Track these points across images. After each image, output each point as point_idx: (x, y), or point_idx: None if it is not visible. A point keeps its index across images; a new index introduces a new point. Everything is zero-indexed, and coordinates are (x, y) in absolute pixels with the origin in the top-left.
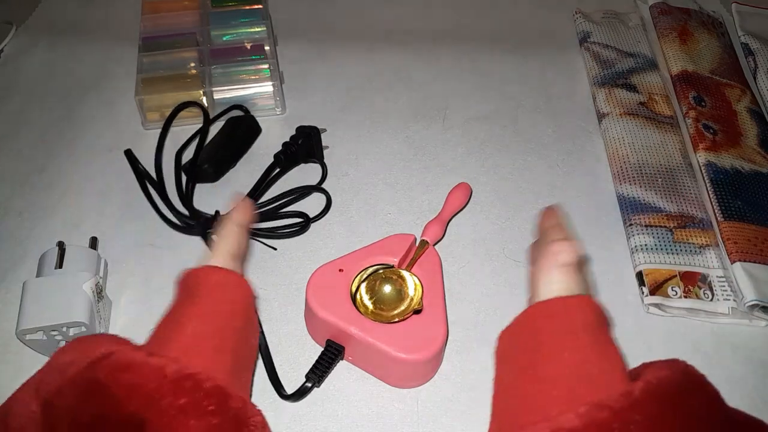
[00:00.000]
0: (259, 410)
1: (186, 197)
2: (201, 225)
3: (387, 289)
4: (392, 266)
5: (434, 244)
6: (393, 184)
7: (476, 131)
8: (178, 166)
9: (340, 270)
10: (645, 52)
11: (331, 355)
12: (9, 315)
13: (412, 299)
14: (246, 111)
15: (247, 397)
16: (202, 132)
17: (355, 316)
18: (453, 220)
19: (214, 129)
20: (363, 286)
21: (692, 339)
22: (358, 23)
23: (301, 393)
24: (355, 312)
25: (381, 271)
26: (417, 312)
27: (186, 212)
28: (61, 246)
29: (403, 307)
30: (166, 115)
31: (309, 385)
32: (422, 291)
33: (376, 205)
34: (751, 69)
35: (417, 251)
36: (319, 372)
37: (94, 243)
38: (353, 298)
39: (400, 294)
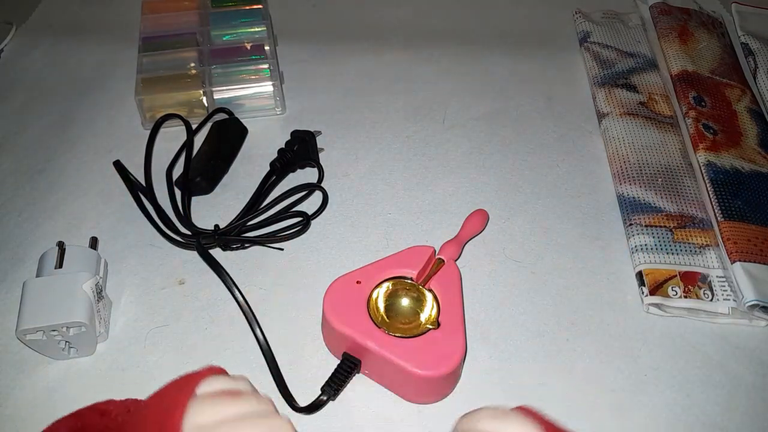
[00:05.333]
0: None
1: (183, 214)
2: (199, 241)
3: (404, 302)
4: (410, 279)
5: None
6: (393, 184)
7: (476, 131)
8: (170, 184)
9: (357, 282)
10: (645, 52)
11: (347, 369)
12: (9, 315)
13: (429, 314)
14: (229, 113)
15: None
16: (188, 144)
17: (372, 330)
18: (454, 220)
19: (201, 136)
20: (381, 298)
21: (692, 339)
22: (358, 23)
23: (315, 406)
24: (372, 325)
25: (399, 284)
26: (435, 327)
27: (184, 229)
28: (61, 246)
29: (420, 322)
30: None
31: (324, 398)
32: (440, 306)
33: (376, 205)
34: (751, 69)
35: (433, 268)
36: (335, 385)
37: (94, 243)
38: (370, 310)
39: (418, 308)
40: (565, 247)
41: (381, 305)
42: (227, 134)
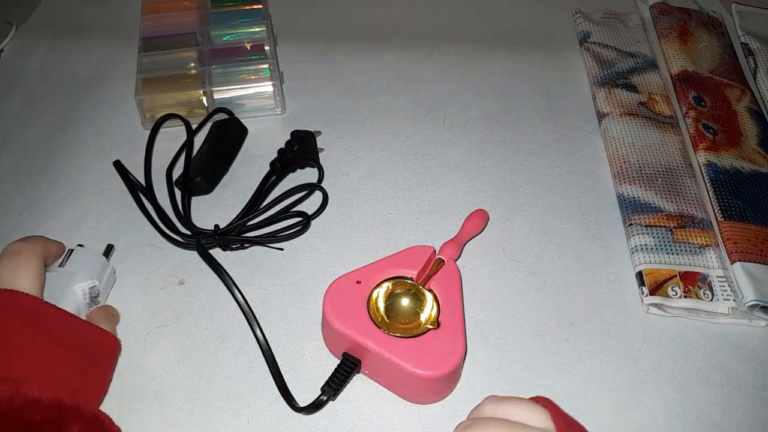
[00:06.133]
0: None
1: (183, 214)
2: (199, 241)
3: (404, 302)
4: (410, 279)
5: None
6: (393, 184)
7: (476, 131)
8: (170, 184)
9: (357, 282)
10: (645, 52)
11: (347, 369)
12: None
13: (429, 314)
14: (229, 113)
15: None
16: (188, 144)
17: (371, 330)
18: (454, 220)
19: (201, 136)
20: (381, 298)
21: (692, 339)
22: (358, 23)
23: (316, 406)
24: (372, 325)
25: (399, 284)
26: (435, 327)
27: (184, 229)
28: (78, 247)
29: (420, 322)
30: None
31: (324, 398)
32: (440, 306)
33: (376, 205)
34: (751, 69)
35: (433, 268)
36: (334, 385)
37: (108, 250)
38: (370, 310)
39: (418, 308)
40: (565, 247)
41: (381, 305)
42: (227, 134)
